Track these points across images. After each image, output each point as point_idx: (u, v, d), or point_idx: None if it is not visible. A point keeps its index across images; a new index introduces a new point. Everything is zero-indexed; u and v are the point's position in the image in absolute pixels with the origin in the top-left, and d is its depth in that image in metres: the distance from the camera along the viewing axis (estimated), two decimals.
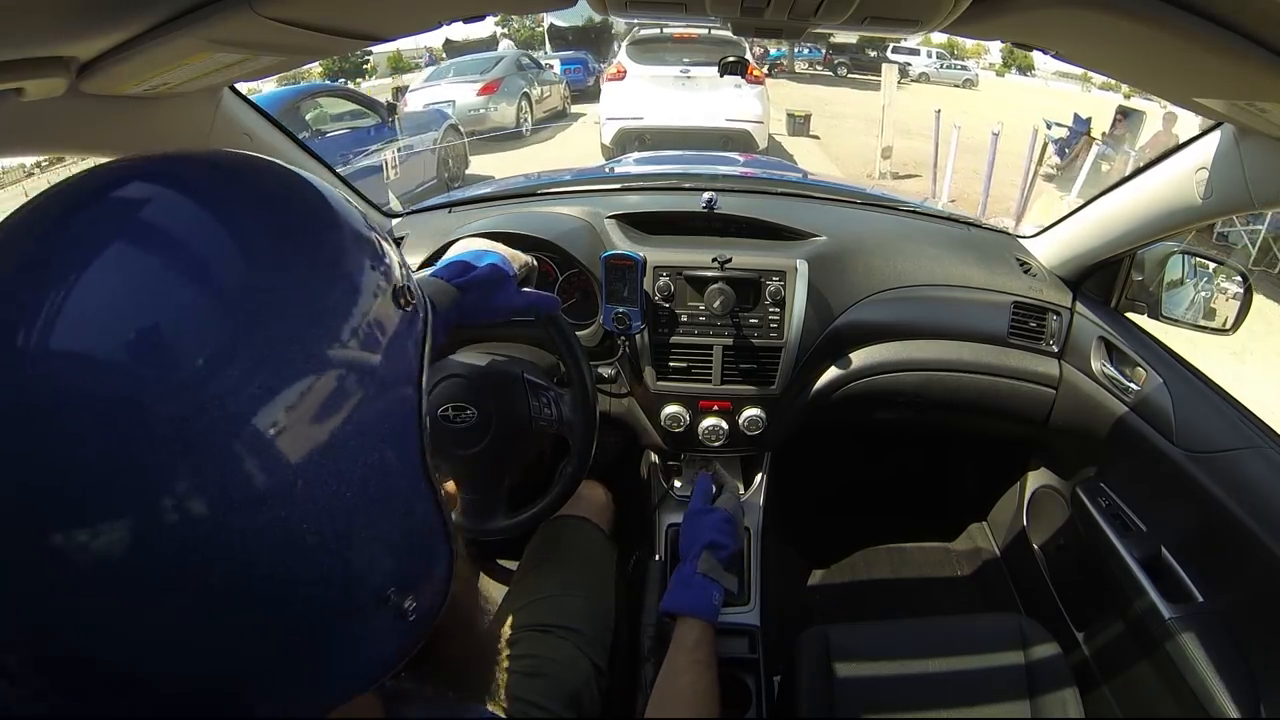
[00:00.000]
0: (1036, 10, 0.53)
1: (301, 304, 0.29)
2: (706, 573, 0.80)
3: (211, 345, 0.26)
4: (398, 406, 0.31)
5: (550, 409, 0.94)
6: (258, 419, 0.26)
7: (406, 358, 0.32)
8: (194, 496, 0.25)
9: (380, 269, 0.33)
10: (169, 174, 0.32)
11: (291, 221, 0.32)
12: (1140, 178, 1.03)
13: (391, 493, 0.31)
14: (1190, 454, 0.98)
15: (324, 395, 0.28)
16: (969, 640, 0.97)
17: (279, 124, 1.03)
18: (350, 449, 0.29)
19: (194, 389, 0.26)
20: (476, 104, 8.13)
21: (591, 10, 0.57)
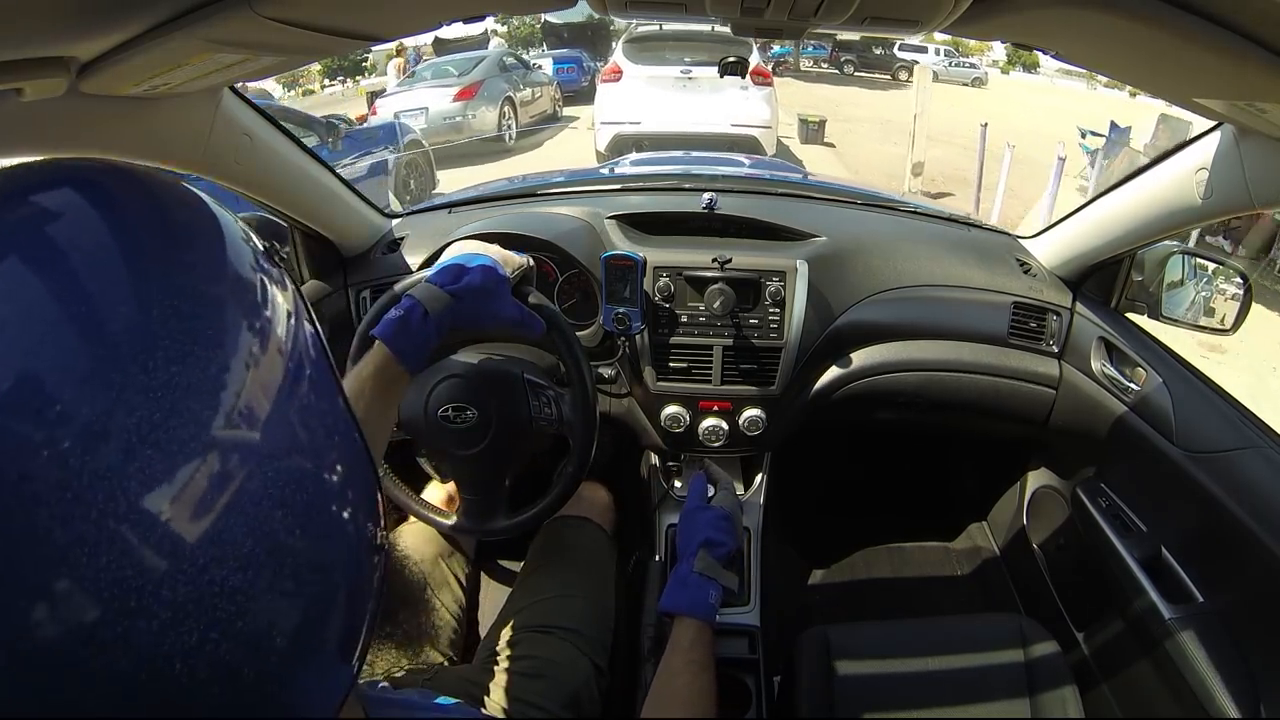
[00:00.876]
0: (1036, 10, 0.53)
1: (192, 369, 0.26)
2: (703, 571, 0.79)
3: (96, 408, 0.24)
4: (286, 478, 0.29)
5: (550, 409, 0.94)
6: (146, 498, 0.24)
7: (289, 426, 0.29)
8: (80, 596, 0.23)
9: (259, 323, 0.30)
10: (83, 183, 0.29)
11: (188, 262, 0.29)
12: (1140, 178, 1.03)
13: (297, 558, 0.29)
14: (1190, 454, 0.98)
15: (212, 470, 0.26)
16: (969, 640, 0.98)
17: (279, 124, 1.03)
18: (241, 522, 0.27)
19: (79, 456, 0.23)
20: (452, 111, 7.31)
21: (591, 10, 0.57)
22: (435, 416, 0.91)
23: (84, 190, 0.29)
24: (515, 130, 8.13)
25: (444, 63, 8.69)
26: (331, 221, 1.22)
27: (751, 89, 5.72)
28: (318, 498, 0.31)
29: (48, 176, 0.29)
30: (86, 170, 0.30)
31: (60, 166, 0.30)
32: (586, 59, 12.26)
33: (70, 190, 0.28)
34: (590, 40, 14.51)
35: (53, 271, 0.25)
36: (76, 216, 0.27)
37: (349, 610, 0.33)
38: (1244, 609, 0.91)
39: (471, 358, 1.00)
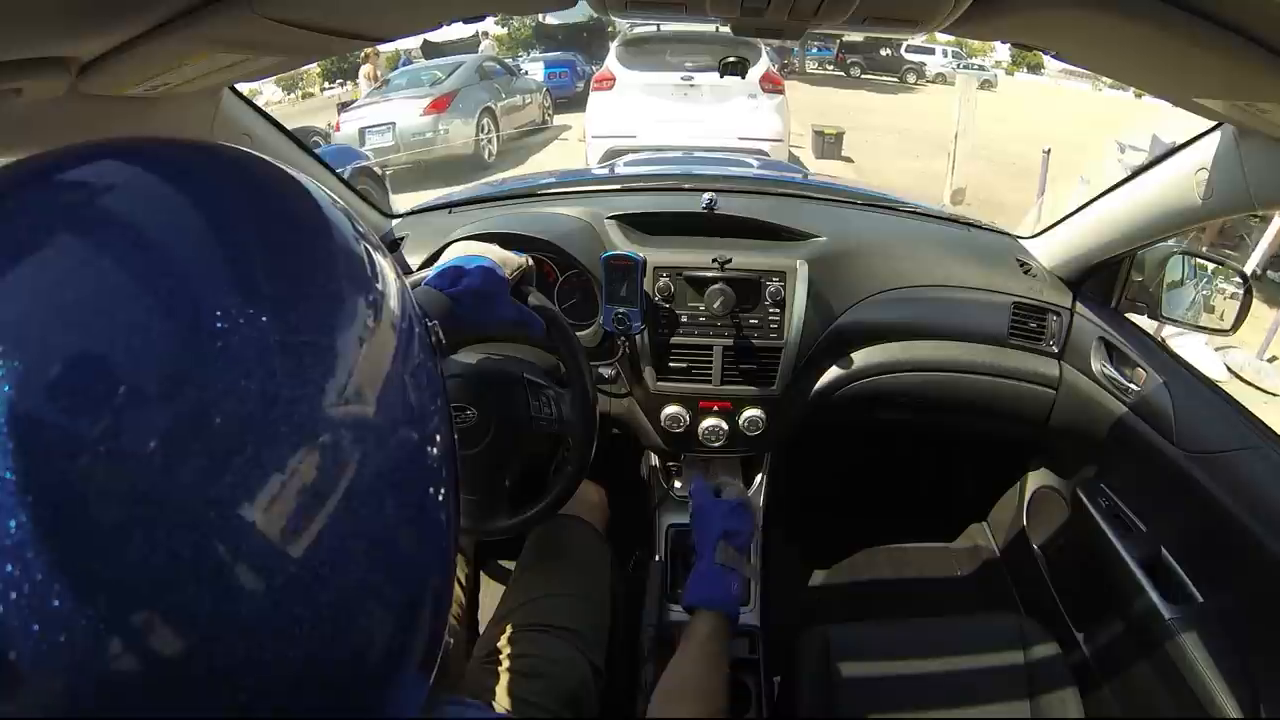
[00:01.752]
0: (1036, 11, 0.53)
1: (289, 351, 0.23)
2: (724, 562, 0.78)
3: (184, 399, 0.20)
4: (402, 457, 0.26)
5: (550, 409, 0.94)
6: (245, 508, 0.20)
7: (403, 393, 0.27)
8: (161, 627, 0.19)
9: (372, 295, 0.27)
10: (165, 160, 0.26)
11: (287, 238, 0.26)
12: (1140, 178, 1.03)
13: (403, 553, 0.27)
14: (1190, 454, 0.98)
15: (322, 467, 0.23)
16: (969, 640, 0.98)
17: (279, 125, 1.03)
18: (353, 524, 0.24)
19: (160, 459, 0.19)
20: (421, 126, 6.41)
21: (591, 9, 0.57)
22: None
23: (165, 164, 0.26)
24: (496, 145, 7.16)
25: (420, 70, 7.78)
26: None
27: (761, 97, 5.09)
28: (422, 477, 0.28)
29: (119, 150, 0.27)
30: (166, 145, 0.28)
31: (133, 142, 0.27)
32: (581, 62, 11.55)
33: (147, 164, 0.26)
34: (585, 42, 13.83)
35: (138, 252, 0.22)
36: (155, 189, 0.25)
37: (435, 615, 0.30)
38: (1244, 609, 0.91)
39: (471, 358, 1.00)
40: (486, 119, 7.07)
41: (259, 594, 0.21)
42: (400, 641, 0.27)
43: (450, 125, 6.60)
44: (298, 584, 0.22)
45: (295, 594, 0.22)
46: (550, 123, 8.86)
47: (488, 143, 7.00)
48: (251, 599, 0.20)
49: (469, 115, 6.82)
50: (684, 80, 5.09)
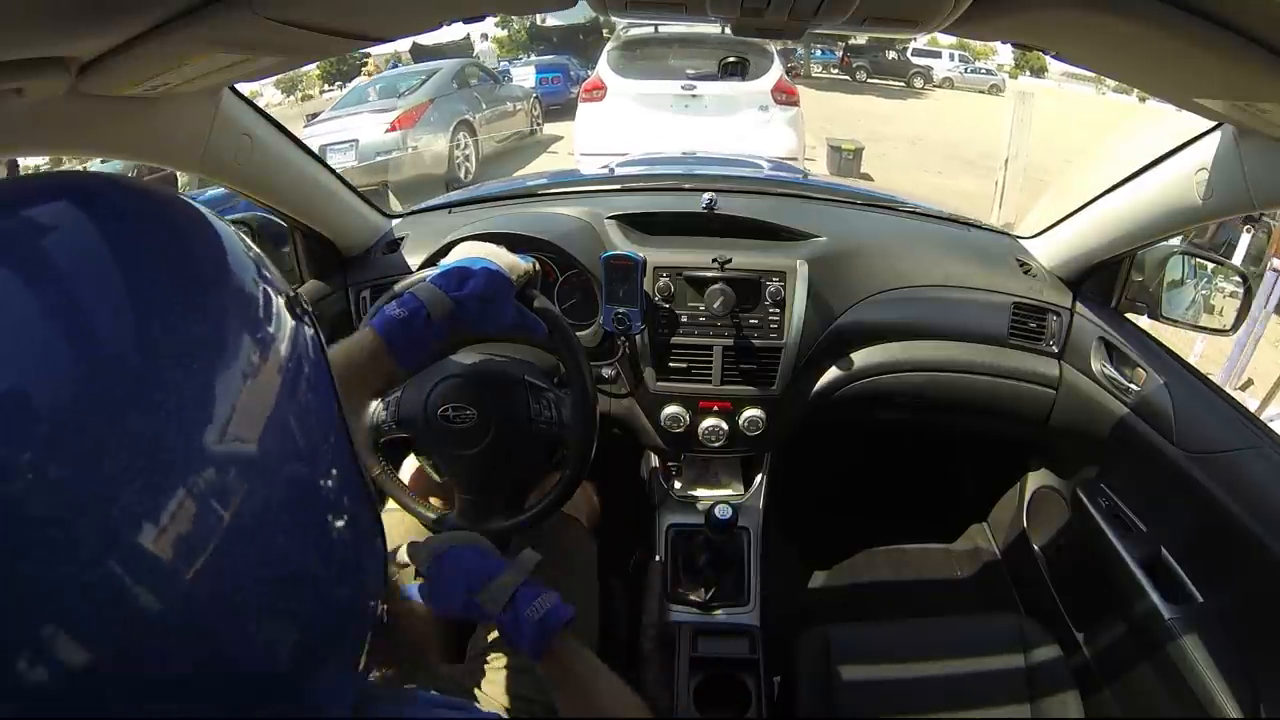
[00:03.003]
0: (1037, 11, 0.53)
1: (184, 384, 0.25)
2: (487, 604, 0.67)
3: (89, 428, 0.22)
4: (289, 490, 0.28)
5: (550, 411, 0.95)
6: (142, 530, 0.22)
7: (289, 432, 0.29)
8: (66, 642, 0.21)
9: (260, 333, 0.29)
10: (84, 198, 0.28)
11: (187, 278, 0.28)
12: (1140, 178, 1.03)
13: (298, 573, 0.28)
14: (1190, 454, 0.98)
15: (210, 494, 0.24)
16: (969, 641, 0.98)
17: (279, 125, 1.03)
18: (243, 547, 0.25)
19: (68, 484, 0.21)
20: (386, 144, 5.61)
21: (591, 9, 0.57)
22: (435, 416, 0.91)
23: (80, 203, 0.28)
24: (475, 162, 6.40)
25: (397, 77, 7.02)
26: (331, 221, 1.22)
27: (773, 109, 4.46)
28: (315, 507, 0.30)
29: (45, 190, 0.28)
30: (84, 183, 0.29)
31: (59, 179, 0.29)
32: (575, 66, 10.72)
33: (66, 203, 0.27)
34: (582, 45, 13.15)
35: (45, 285, 0.24)
36: (71, 230, 0.26)
37: (352, 618, 0.32)
38: (1244, 609, 0.91)
39: (472, 358, 1.00)
40: (463, 133, 6.27)
41: (154, 610, 0.22)
42: (311, 646, 0.28)
43: (420, 141, 5.79)
44: (194, 600, 0.23)
45: (193, 608, 0.23)
46: (539, 133, 8.15)
47: (464, 159, 6.23)
48: (149, 615, 0.22)
49: (442, 129, 6.01)
50: (684, 90, 4.49)
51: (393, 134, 5.68)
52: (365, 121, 5.78)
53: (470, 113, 6.54)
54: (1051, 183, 4.81)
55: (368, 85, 6.97)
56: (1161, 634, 0.97)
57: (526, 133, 7.90)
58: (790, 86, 4.71)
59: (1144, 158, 1.01)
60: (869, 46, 15.40)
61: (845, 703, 0.91)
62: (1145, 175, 1.01)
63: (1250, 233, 3.80)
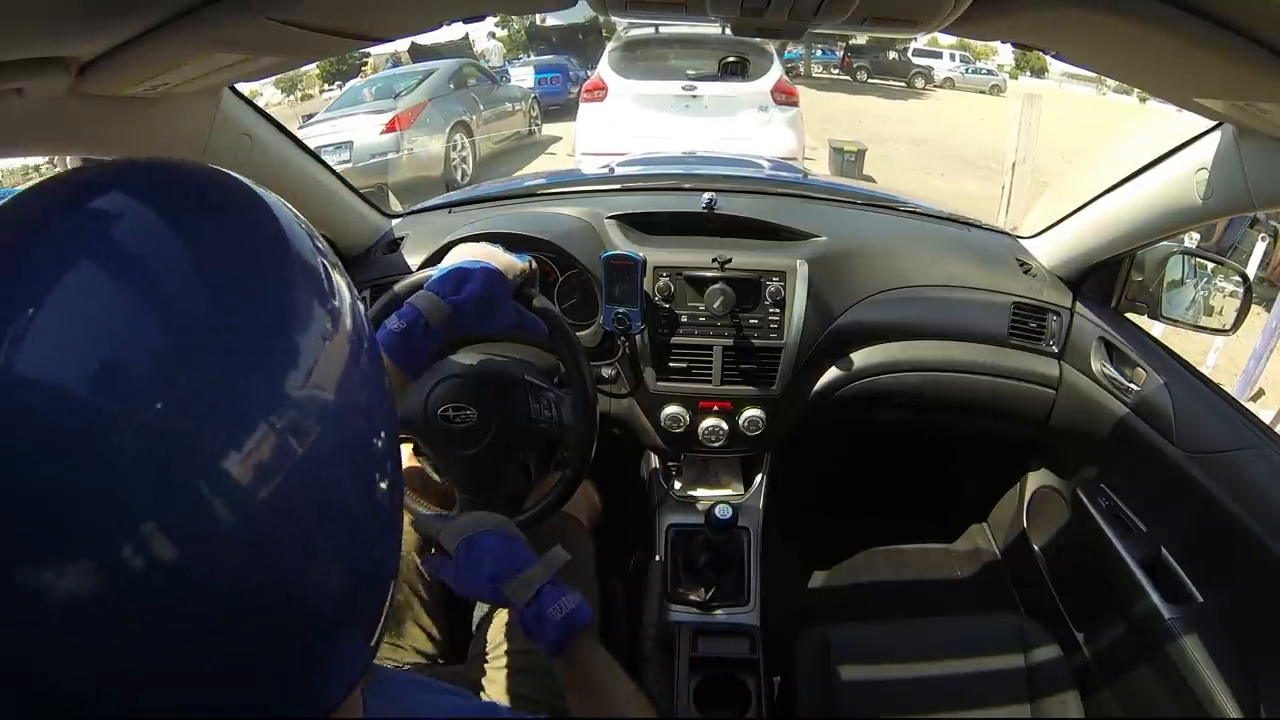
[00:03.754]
0: (1037, 11, 0.53)
1: (259, 343, 0.29)
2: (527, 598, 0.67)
3: (177, 383, 0.26)
4: (351, 438, 0.32)
5: (550, 411, 0.95)
6: (224, 459, 0.26)
7: (355, 390, 0.32)
8: (160, 538, 0.25)
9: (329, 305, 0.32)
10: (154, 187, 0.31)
11: (257, 251, 0.31)
12: (1140, 178, 1.03)
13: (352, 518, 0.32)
14: (1190, 454, 0.98)
15: (283, 434, 0.28)
16: (969, 641, 0.98)
17: (279, 125, 1.03)
18: (308, 481, 0.29)
19: (159, 427, 0.25)
20: (380, 145, 5.50)
21: (591, 9, 0.57)
22: (435, 416, 0.92)
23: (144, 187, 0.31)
24: (471, 164, 6.31)
25: (393, 78, 6.92)
26: (331, 221, 1.22)
27: (773, 110, 4.52)
28: (369, 463, 0.33)
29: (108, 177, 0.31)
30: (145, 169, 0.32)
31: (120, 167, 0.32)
32: (574, 66, 10.71)
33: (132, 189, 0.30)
34: (581, 45, 13.13)
35: (129, 268, 0.27)
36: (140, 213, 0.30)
37: (381, 585, 0.35)
38: (1244, 609, 0.91)
39: (472, 358, 1.00)
40: (460, 134, 6.19)
41: (229, 520, 0.26)
42: (348, 596, 0.32)
43: (415, 142, 5.71)
44: (264, 516, 0.27)
45: (262, 524, 0.27)
46: (538, 133, 8.08)
47: (461, 161, 6.16)
48: (225, 523, 0.26)
49: (438, 130, 5.92)
50: (685, 90, 4.54)
51: (388, 135, 5.61)
52: (360, 123, 5.72)
53: (467, 114, 6.50)
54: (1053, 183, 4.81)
55: (363, 86, 6.89)
56: (1161, 634, 0.97)
57: (525, 134, 7.84)
58: (790, 87, 4.74)
59: (1144, 157, 1.01)
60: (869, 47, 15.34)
61: (845, 703, 0.91)
62: (1145, 175, 1.01)
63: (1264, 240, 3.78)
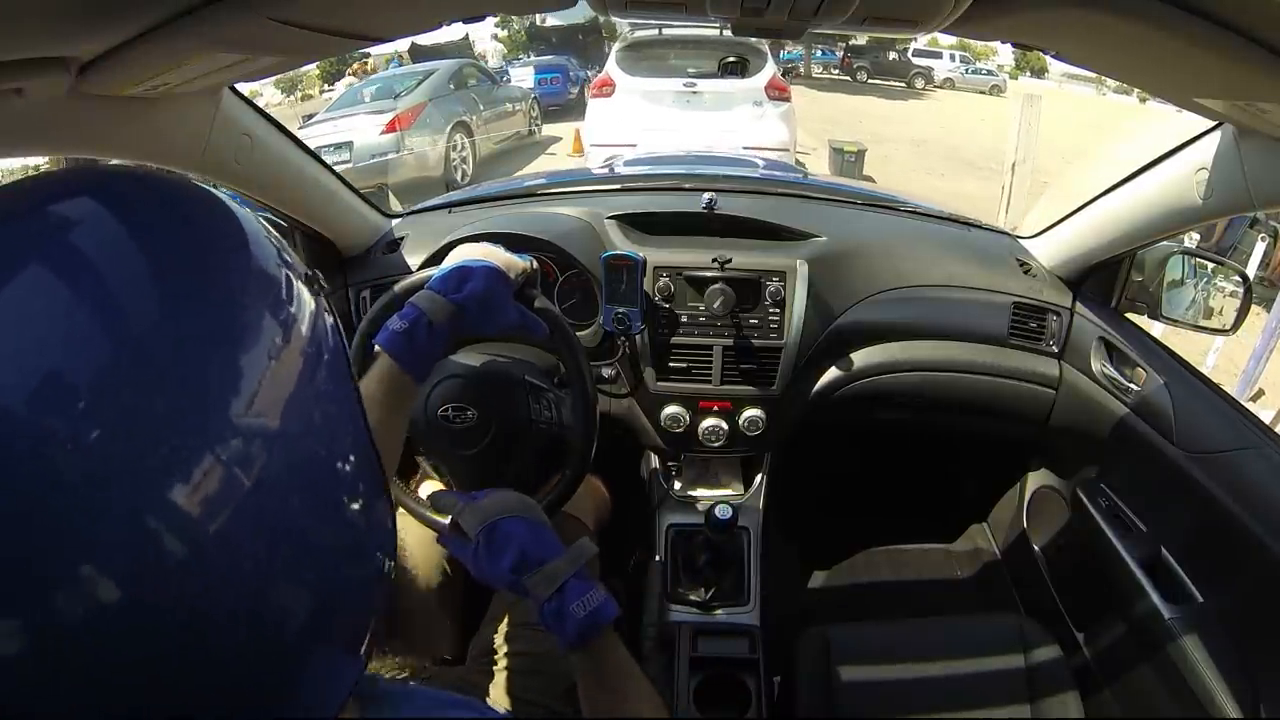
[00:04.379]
0: (1037, 11, 0.53)
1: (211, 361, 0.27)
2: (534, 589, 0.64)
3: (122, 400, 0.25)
4: (305, 462, 0.30)
5: (550, 411, 0.95)
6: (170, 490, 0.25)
7: (308, 412, 0.31)
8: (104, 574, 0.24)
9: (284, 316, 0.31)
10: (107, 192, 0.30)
11: (214, 265, 0.30)
12: (1140, 178, 1.03)
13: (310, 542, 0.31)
14: (1190, 454, 0.98)
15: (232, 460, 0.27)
16: (969, 641, 0.98)
17: (279, 125, 1.03)
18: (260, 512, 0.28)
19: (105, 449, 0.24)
20: (381, 145, 5.53)
21: (591, 9, 0.57)
22: (435, 416, 0.92)
23: (106, 196, 0.30)
24: (472, 165, 6.32)
25: (393, 79, 6.92)
26: (331, 221, 1.22)
27: (767, 105, 4.90)
28: (330, 485, 0.32)
29: (68, 184, 0.30)
30: (107, 176, 0.31)
31: (81, 173, 0.32)
32: (574, 67, 10.84)
33: (87, 196, 0.29)
34: (581, 45, 13.26)
35: (74, 275, 0.26)
36: (94, 220, 0.28)
37: (357, 601, 0.34)
38: (1244, 609, 0.91)
39: (472, 359, 1.00)
40: (460, 134, 6.21)
41: (180, 554, 0.25)
42: (317, 617, 0.30)
43: (416, 143, 5.74)
44: (215, 550, 0.26)
45: (214, 557, 0.26)
46: (538, 134, 8.09)
47: (461, 161, 6.19)
48: (176, 557, 0.25)
49: (438, 131, 5.94)
50: (686, 87, 4.91)
51: (388, 136, 5.62)
52: (360, 123, 5.72)
53: (467, 114, 6.51)
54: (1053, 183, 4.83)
55: (361, 86, 6.93)
56: (1161, 634, 0.97)
57: (525, 134, 7.83)
58: (782, 84, 5.09)
59: (1144, 158, 1.01)
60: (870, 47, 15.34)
61: (845, 703, 0.91)
62: (1145, 175, 1.01)
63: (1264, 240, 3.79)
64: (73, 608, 0.23)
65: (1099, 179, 1.13)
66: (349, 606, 0.33)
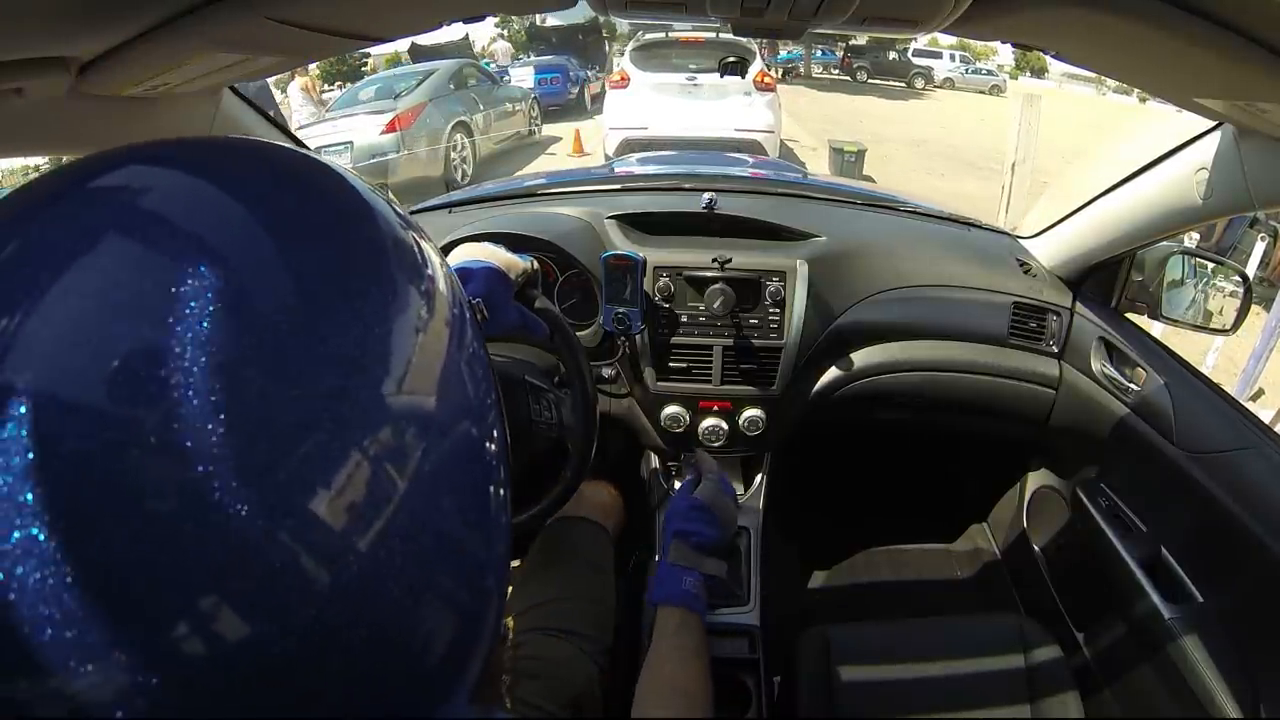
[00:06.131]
0: (1037, 11, 0.53)
1: (347, 341, 0.23)
2: (676, 561, 0.80)
3: (246, 399, 0.20)
4: (461, 447, 0.26)
5: (550, 413, 0.94)
6: (311, 500, 0.20)
7: (462, 385, 0.27)
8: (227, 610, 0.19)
9: (425, 284, 0.27)
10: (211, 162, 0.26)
11: (343, 235, 0.26)
12: (1140, 178, 1.03)
13: (463, 547, 0.26)
14: (1190, 454, 0.98)
15: (382, 458, 0.22)
16: (969, 641, 0.98)
17: (279, 125, 1.03)
18: (413, 516, 0.23)
19: (225, 451, 0.19)
20: (380, 146, 5.54)
21: (592, 9, 0.57)
22: None
23: (212, 167, 0.26)
24: (472, 165, 6.38)
25: (393, 79, 6.86)
26: None
27: (755, 95, 5.84)
28: (482, 475, 0.28)
29: (163, 154, 0.27)
30: (212, 146, 0.28)
31: (182, 144, 0.27)
32: (574, 67, 10.66)
33: (191, 167, 0.26)
34: (581, 45, 13.20)
35: (199, 251, 0.22)
36: (204, 192, 0.24)
37: (495, 624, 0.29)
38: (1244, 608, 0.91)
39: None
40: (460, 135, 6.26)
41: (324, 584, 0.20)
42: (462, 644, 0.26)
43: (416, 143, 5.75)
44: (363, 576, 0.21)
45: (361, 586, 0.21)
46: (538, 134, 8.10)
47: (460, 162, 6.23)
48: (317, 588, 0.20)
49: (438, 131, 5.98)
50: (688, 80, 5.86)
51: (388, 136, 5.63)
52: (360, 123, 5.76)
53: (467, 114, 6.57)
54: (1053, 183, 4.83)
55: (361, 86, 6.92)
56: (1161, 634, 0.97)
57: (525, 134, 7.87)
58: (769, 78, 6.14)
59: (1144, 157, 1.01)
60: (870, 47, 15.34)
61: (845, 703, 0.91)
62: (1145, 175, 1.01)
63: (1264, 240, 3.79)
64: (190, 647, 0.19)
65: (1099, 179, 1.13)
66: (491, 629, 0.28)
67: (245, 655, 0.20)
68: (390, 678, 0.23)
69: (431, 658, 0.25)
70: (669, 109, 5.79)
